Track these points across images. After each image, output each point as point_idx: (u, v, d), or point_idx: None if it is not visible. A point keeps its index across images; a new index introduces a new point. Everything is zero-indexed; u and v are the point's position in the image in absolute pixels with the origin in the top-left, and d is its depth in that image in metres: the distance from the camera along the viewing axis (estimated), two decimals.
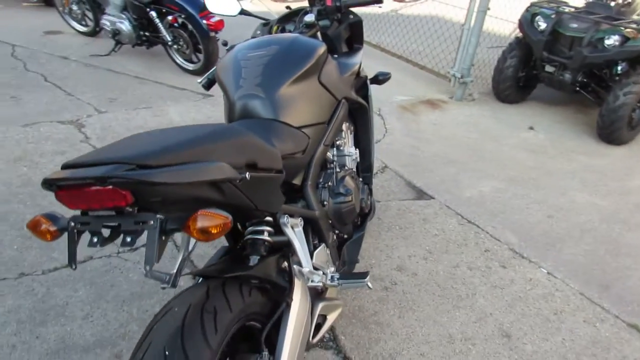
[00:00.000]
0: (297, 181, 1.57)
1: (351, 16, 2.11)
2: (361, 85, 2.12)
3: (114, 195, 0.88)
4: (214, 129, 1.12)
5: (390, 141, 3.71)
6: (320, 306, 1.52)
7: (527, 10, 4.35)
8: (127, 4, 4.55)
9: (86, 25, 5.35)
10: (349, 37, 2.17)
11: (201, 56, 4.52)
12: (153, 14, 4.37)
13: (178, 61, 4.68)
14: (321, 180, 1.71)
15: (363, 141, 2.06)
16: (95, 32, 5.30)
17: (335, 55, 2.01)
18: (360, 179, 2.00)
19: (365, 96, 2.10)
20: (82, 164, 0.92)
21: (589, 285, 2.39)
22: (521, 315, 2.17)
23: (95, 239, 0.98)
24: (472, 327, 2.08)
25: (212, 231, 0.93)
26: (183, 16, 4.29)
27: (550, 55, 4.12)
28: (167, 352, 1.00)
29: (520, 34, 4.44)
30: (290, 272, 1.39)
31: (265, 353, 1.23)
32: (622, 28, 3.76)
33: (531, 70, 4.50)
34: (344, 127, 1.91)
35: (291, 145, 1.49)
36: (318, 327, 1.54)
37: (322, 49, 1.72)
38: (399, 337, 2.00)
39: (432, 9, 6.64)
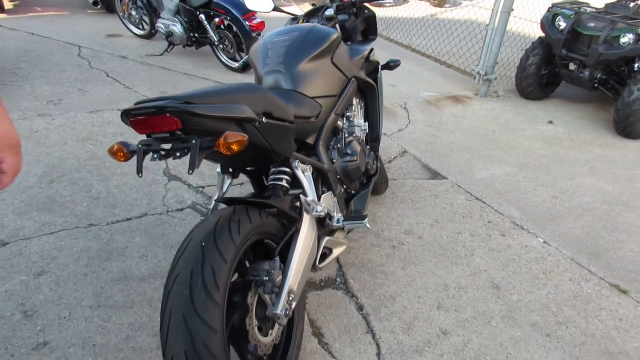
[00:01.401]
0: (310, 141, 1.94)
1: (366, 11, 2.48)
2: (373, 70, 2.47)
3: (169, 121, 1.27)
4: (243, 86, 1.52)
5: (412, 130, 4.04)
6: (325, 240, 1.88)
7: (548, 10, 4.59)
8: (180, 9, 5.08)
9: (143, 29, 5.93)
10: (365, 29, 2.54)
11: (244, 55, 4.98)
12: (202, 17, 4.87)
13: (223, 60, 5.16)
14: (332, 143, 2.08)
15: (372, 115, 2.41)
16: (151, 35, 5.87)
17: (349, 43, 2.38)
18: (368, 147, 2.35)
19: (376, 79, 2.45)
20: (149, 101, 1.32)
21: (580, 253, 2.64)
22: (513, 272, 2.45)
23: (155, 156, 1.37)
24: (466, 280, 2.38)
25: (234, 147, 1.31)
26: (229, 19, 4.76)
27: (570, 54, 4.34)
28: (203, 244, 1.39)
29: (543, 34, 4.67)
30: (301, 209, 1.76)
31: (277, 259, 1.60)
32: (638, 27, 3.94)
33: (553, 69, 4.71)
34: (354, 102, 2.27)
35: (306, 111, 1.87)
36: (324, 255, 1.90)
37: (336, 35, 2.10)
38: (401, 283, 2.33)
39: (468, 13, 6.90)
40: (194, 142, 1.31)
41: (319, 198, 1.87)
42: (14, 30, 5.88)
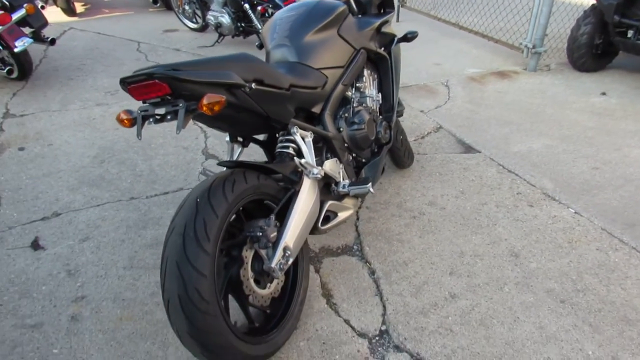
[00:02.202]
0: (316, 110, 2.03)
1: None
2: (387, 42, 2.50)
3: (158, 87, 1.41)
4: (235, 55, 1.63)
5: (450, 107, 3.99)
6: (329, 203, 1.96)
7: None
8: (227, 0, 5.30)
9: (196, 23, 6.24)
10: (381, 2, 2.57)
11: None
12: (246, 6, 5.06)
13: None
14: (341, 112, 2.15)
15: (385, 86, 2.45)
16: (204, 27, 6.16)
17: (360, 15, 2.43)
18: (380, 117, 2.39)
19: (390, 51, 2.47)
20: (142, 69, 1.47)
21: (614, 223, 2.53)
22: (534, 241, 2.41)
23: (151, 120, 1.51)
24: (484, 247, 2.37)
25: (215, 107, 1.43)
26: (271, 6, 4.91)
27: (623, 20, 4.08)
28: (198, 200, 1.53)
29: (595, 1, 4.42)
30: (302, 172, 1.85)
31: (272, 217, 1.70)
32: None
33: (608, 37, 4.44)
34: (365, 73, 2.32)
35: (310, 82, 1.96)
36: (327, 218, 1.98)
37: (341, 8, 2.17)
38: (415, 250, 2.36)
39: None
40: (180, 104, 1.44)
41: (322, 163, 1.96)
42: (83, 31, 6.39)
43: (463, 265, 2.26)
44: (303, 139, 1.86)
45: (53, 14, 7.06)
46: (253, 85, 1.60)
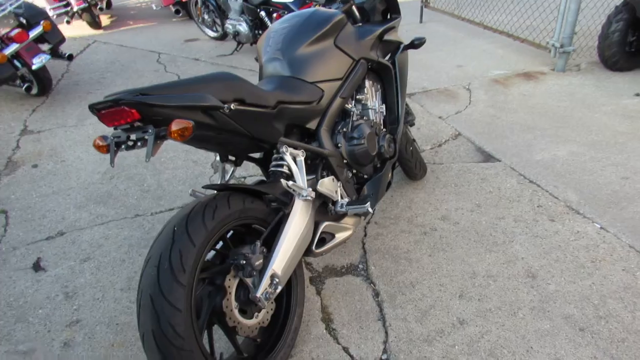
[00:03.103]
0: (311, 125, 1.92)
1: None
2: (391, 50, 2.37)
3: (126, 113, 1.34)
4: (213, 75, 1.54)
5: (470, 112, 3.81)
6: (325, 224, 1.85)
7: None
8: (243, 8, 5.26)
9: (216, 31, 6.23)
10: (385, 9, 2.45)
11: None
12: (262, 13, 5.00)
13: None
14: (339, 127, 2.04)
15: (389, 97, 2.31)
16: (223, 36, 6.15)
17: (360, 24, 2.31)
18: (384, 130, 2.26)
19: (394, 60, 2.34)
20: (111, 94, 1.40)
21: None
22: (554, 260, 2.23)
23: (123, 147, 1.44)
24: (498, 267, 2.21)
25: (184, 133, 1.34)
26: (286, 13, 4.83)
27: None
28: (175, 229, 1.45)
29: None
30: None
31: (258, 243, 1.61)
32: None
33: None
34: (367, 84, 2.20)
35: (304, 97, 1.86)
36: (323, 240, 1.87)
37: (338, 17, 2.06)
38: (424, 270, 2.22)
39: None
40: (149, 131, 1.37)
41: (317, 182, 1.85)
42: (106, 44, 6.49)
43: (474, 288, 2.10)
44: (294, 158, 1.76)
45: (79, 28, 7.21)
46: (232, 105, 1.51)
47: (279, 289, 1.63)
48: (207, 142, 1.68)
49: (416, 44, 2.42)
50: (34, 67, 4.21)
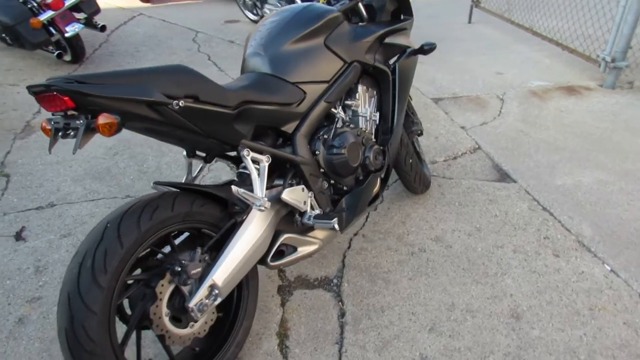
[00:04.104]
0: (287, 129, 1.79)
1: None
2: (396, 54, 2.19)
3: (59, 101, 1.25)
4: (163, 67, 1.44)
5: (497, 124, 3.55)
6: (285, 236, 1.72)
7: None
8: None
9: (257, 14, 6.14)
10: (396, 9, 2.26)
11: None
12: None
13: None
14: (320, 133, 1.89)
15: (384, 105, 2.13)
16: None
17: (361, 23, 2.14)
18: (373, 139, 2.08)
19: (395, 64, 2.16)
20: (51, 79, 1.32)
21: None
22: (546, 302, 2.01)
23: (60, 134, 1.37)
24: (481, 302, 2.02)
25: (109, 127, 1.25)
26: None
27: None
28: (107, 226, 1.37)
29: None
30: None
31: (198, 250, 1.51)
32: None
33: None
34: (359, 89, 2.04)
35: (280, 97, 1.73)
36: (282, 253, 1.75)
37: (332, 15, 1.90)
38: (399, 295, 2.06)
39: None
40: (80, 121, 1.28)
41: (282, 189, 1.72)
42: (150, 17, 6.54)
43: (448, 322, 1.93)
44: (258, 162, 1.64)
45: (129, 0, 7.31)
46: (181, 102, 1.40)
47: (218, 300, 1.53)
48: (165, 137, 1.59)
49: (426, 49, 2.22)
50: (67, 35, 4.26)
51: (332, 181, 1.95)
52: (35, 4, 4.14)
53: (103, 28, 4.55)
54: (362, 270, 2.20)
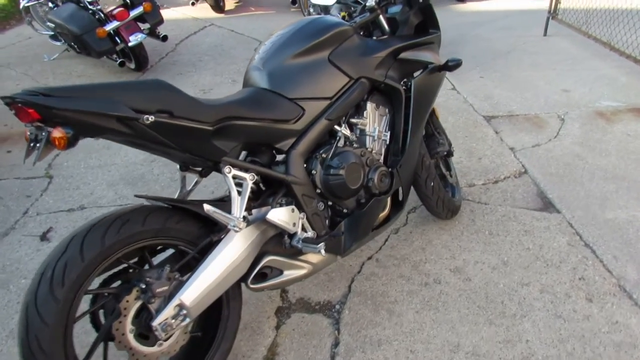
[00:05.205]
0: (283, 146, 1.72)
1: (420, 0, 2.07)
2: (413, 70, 2.06)
3: (25, 112, 1.27)
4: (137, 81, 1.43)
5: (551, 147, 3.25)
6: (268, 258, 1.65)
7: None
8: (342, 7, 5.09)
9: None
10: (421, 22, 2.13)
11: None
12: None
13: None
14: (320, 151, 1.80)
15: (396, 125, 2.00)
16: None
17: (374, 37, 2.03)
18: (380, 161, 1.95)
19: (411, 82, 2.03)
20: (26, 90, 1.34)
21: None
22: (567, 354, 1.78)
23: (32, 144, 1.38)
24: (490, 346, 1.82)
25: (59, 141, 1.24)
26: None
27: None
28: (72, 238, 1.37)
29: None
30: None
31: (167, 267, 1.48)
32: None
33: None
34: (368, 107, 1.92)
35: (274, 114, 1.67)
36: (264, 275, 1.68)
37: (340, 28, 1.82)
38: (401, 328, 1.92)
39: None
40: (43, 133, 1.29)
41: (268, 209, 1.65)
42: (220, 28, 6.76)
43: None
44: (239, 179, 1.59)
45: (203, 10, 7.61)
46: (152, 117, 1.37)
47: (187, 321, 1.49)
48: (149, 150, 1.58)
49: (450, 65, 2.07)
50: (130, 44, 4.50)
51: (329, 203, 1.85)
52: (102, 15, 4.41)
53: (164, 38, 4.75)
54: (368, 297, 2.07)
